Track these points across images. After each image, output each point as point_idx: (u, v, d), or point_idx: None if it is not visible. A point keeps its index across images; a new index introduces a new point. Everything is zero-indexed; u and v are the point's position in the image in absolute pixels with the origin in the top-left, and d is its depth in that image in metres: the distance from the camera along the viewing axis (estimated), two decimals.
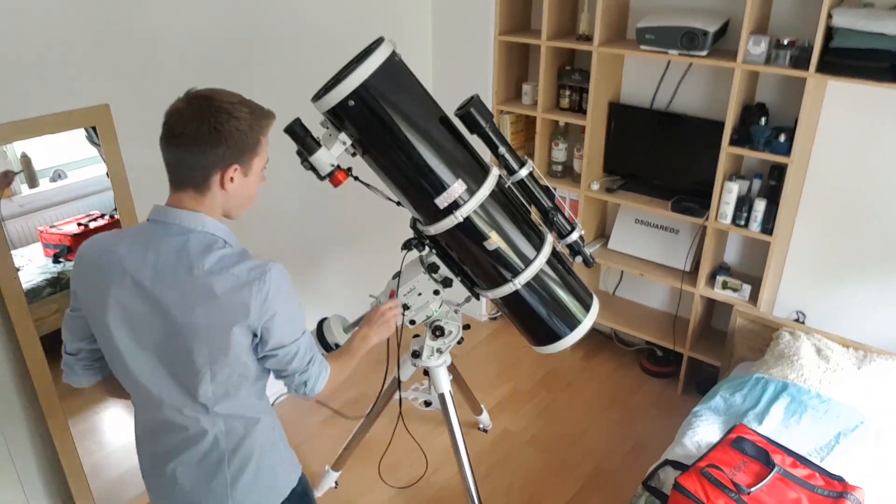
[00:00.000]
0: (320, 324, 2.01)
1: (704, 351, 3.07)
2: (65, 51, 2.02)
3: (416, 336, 2.41)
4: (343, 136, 1.79)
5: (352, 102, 1.70)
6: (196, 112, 1.25)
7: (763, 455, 2.05)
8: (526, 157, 1.99)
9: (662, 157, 2.98)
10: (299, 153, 1.76)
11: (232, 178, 1.30)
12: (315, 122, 1.77)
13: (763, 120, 2.59)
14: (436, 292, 2.18)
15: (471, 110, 1.87)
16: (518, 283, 2.03)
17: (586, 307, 2.18)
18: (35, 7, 1.93)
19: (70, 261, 2.26)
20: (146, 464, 1.48)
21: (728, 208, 2.73)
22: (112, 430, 2.53)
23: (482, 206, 1.90)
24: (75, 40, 2.03)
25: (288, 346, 1.36)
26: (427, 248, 2.06)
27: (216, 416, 1.36)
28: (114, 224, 2.26)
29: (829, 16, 2.26)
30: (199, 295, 1.26)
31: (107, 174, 2.16)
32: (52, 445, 2.25)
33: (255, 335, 1.32)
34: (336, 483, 2.67)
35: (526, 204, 2.08)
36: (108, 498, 2.45)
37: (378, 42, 1.77)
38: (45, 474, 2.30)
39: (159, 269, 1.27)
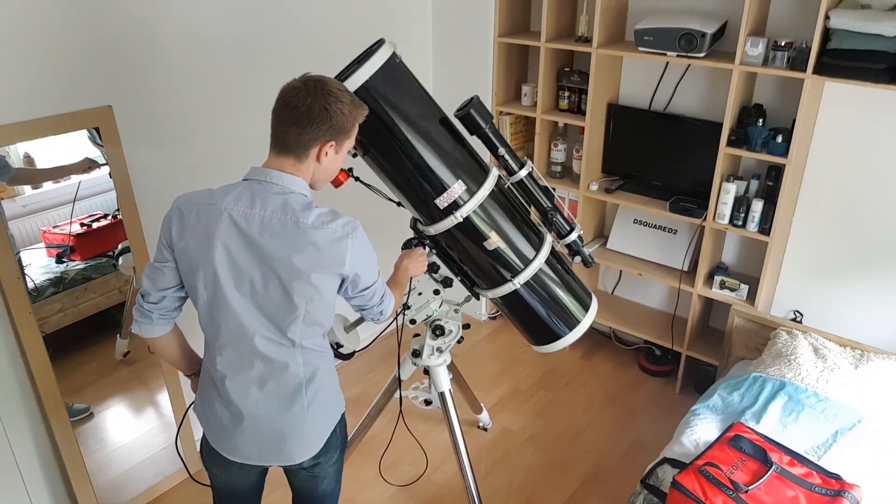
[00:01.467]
0: None
1: (702, 350, 3.08)
2: (68, 52, 2.03)
3: (416, 335, 2.43)
4: None
5: None
6: (310, 92, 1.46)
7: (761, 453, 2.06)
8: (525, 158, 2.01)
9: (661, 157, 2.99)
10: None
11: (326, 153, 1.51)
12: None
13: (760, 121, 2.60)
14: (436, 292, 2.19)
15: (471, 111, 1.88)
16: (517, 282, 2.04)
17: (585, 307, 2.19)
18: (37, 8, 1.94)
19: (73, 261, 2.27)
20: (218, 406, 1.60)
21: (726, 209, 2.74)
22: (114, 429, 2.54)
23: (482, 206, 1.92)
24: (78, 42, 2.04)
25: (372, 286, 1.62)
26: (427, 249, 2.07)
27: (299, 349, 1.55)
28: (117, 224, 2.27)
29: (827, 17, 2.28)
30: (303, 245, 1.45)
31: (109, 175, 2.18)
32: (55, 444, 2.26)
33: (343, 280, 1.53)
34: None
35: (525, 204, 2.09)
36: (110, 496, 2.47)
37: (379, 43, 1.79)
38: (48, 473, 2.31)
39: (266, 220, 1.46)
